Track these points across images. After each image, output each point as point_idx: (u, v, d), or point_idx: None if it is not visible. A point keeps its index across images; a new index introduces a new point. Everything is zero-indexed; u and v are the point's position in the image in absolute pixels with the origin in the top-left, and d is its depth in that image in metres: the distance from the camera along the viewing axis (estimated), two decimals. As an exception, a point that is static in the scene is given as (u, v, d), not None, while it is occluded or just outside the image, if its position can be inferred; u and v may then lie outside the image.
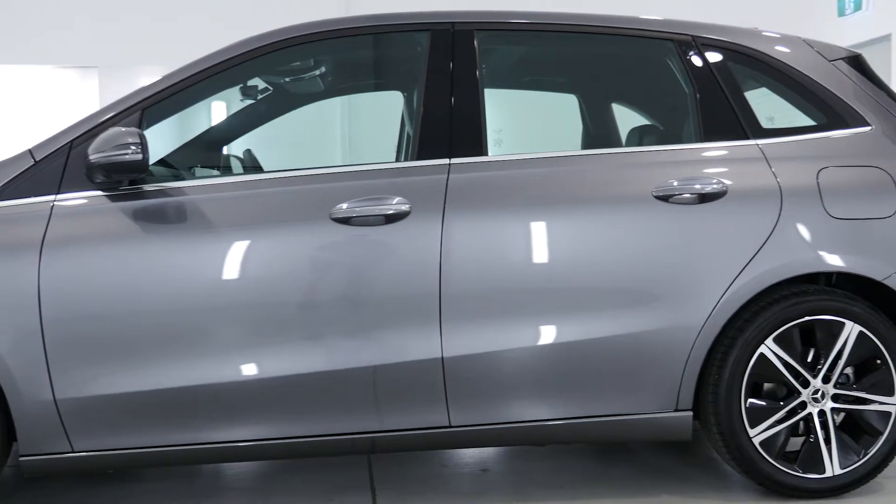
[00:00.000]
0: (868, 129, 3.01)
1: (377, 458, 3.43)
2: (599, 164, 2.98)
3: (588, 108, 3.81)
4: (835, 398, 2.89)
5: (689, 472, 3.29)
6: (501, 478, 3.31)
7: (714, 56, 3.06)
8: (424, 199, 2.77)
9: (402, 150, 3.64)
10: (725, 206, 2.85)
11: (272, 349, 2.70)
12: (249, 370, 2.70)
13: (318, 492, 3.11)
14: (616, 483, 3.16)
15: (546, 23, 3.13)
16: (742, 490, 3.05)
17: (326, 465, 3.37)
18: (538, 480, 3.21)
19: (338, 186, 2.78)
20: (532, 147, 3.12)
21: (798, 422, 2.89)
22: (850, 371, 2.94)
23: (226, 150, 3.58)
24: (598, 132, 3.76)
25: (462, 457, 3.51)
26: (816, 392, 2.87)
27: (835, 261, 2.87)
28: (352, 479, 3.22)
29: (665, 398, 2.85)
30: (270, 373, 2.70)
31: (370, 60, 3.58)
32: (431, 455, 3.49)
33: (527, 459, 3.46)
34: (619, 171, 2.93)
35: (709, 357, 2.85)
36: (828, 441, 2.88)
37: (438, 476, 3.29)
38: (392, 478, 3.24)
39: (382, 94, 3.88)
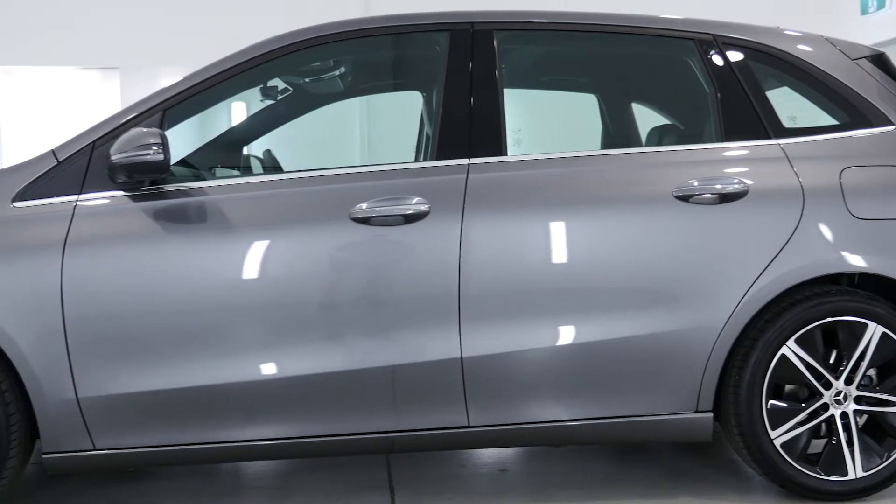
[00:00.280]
0: (891, 129, 2.98)
1: (396, 458, 3.43)
2: (619, 164, 2.97)
3: (608, 108, 3.80)
4: (857, 400, 2.86)
5: (709, 474, 3.27)
6: (520, 478, 3.30)
7: (735, 55, 3.04)
8: (444, 199, 2.77)
9: (422, 150, 3.64)
10: (746, 207, 2.83)
11: (292, 349, 2.71)
12: (269, 370, 2.71)
13: (337, 491, 3.12)
14: (635, 484, 3.15)
15: (566, 22, 3.12)
16: (763, 492, 3.03)
17: (345, 465, 3.38)
18: (557, 481, 3.20)
19: (357, 186, 2.79)
20: (551, 147, 3.11)
21: (820, 424, 2.87)
22: (873, 373, 2.91)
23: (246, 151, 3.60)
24: (618, 132, 3.75)
25: (481, 457, 3.50)
26: (839, 394, 2.85)
27: (857, 261, 2.85)
28: (370, 479, 3.23)
29: (685, 399, 2.83)
30: (290, 372, 2.71)
31: (389, 61, 3.59)
32: (450, 455, 3.49)
33: (545, 460, 3.45)
34: (639, 171, 2.91)
35: (729, 358, 2.83)
36: (850, 443, 2.85)
37: (457, 476, 3.29)
38: (410, 478, 3.25)
39: (402, 95, 3.89)
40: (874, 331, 2.83)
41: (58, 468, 2.72)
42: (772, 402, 2.83)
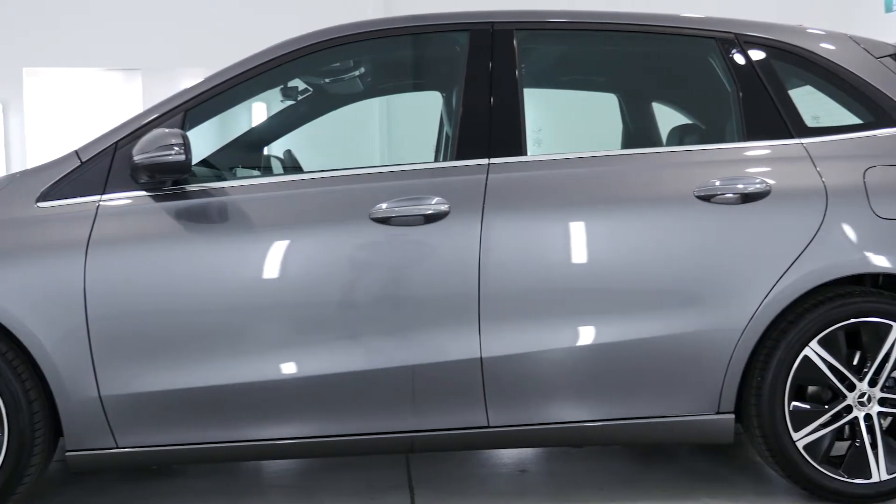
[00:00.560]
0: (917, 128, 2.95)
1: (415, 458, 3.44)
2: (640, 164, 2.95)
3: (628, 108, 3.78)
4: (881, 402, 2.83)
5: (731, 476, 3.25)
6: (540, 478, 3.30)
7: (757, 54, 3.02)
8: (463, 199, 2.77)
9: (442, 151, 3.64)
10: (769, 207, 2.81)
11: (312, 348, 2.72)
12: (290, 369, 2.72)
13: (357, 490, 3.12)
14: (656, 485, 3.13)
15: (586, 22, 3.11)
16: (785, 494, 3.01)
17: (365, 464, 3.38)
18: (577, 482, 3.19)
19: (377, 186, 2.79)
20: (572, 147, 3.10)
21: (843, 426, 2.84)
22: (898, 374, 2.88)
23: (266, 151, 3.62)
24: (639, 132, 3.73)
25: (500, 457, 3.50)
26: (862, 396, 2.82)
27: (882, 262, 2.82)
28: (390, 479, 3.23)
29: (707, 400, 2.81)
30: (310, 372, 2.72)
31: (409, 61, 3.59)
32: (470, 455, 3.49)
33: (565, 461, 3.44)
34: (660, 171, 2.90)
35: (752, 359, 2.81)
36: (874, 446, 2.83)
37: (477, 476, 3.29)
38: (430, 477, 3.25)
39: (421, 95, 3.89)
40: (899, 332, 2.80)
41: (81, 466, 2.75)
42: (794, 404, 2.81)
